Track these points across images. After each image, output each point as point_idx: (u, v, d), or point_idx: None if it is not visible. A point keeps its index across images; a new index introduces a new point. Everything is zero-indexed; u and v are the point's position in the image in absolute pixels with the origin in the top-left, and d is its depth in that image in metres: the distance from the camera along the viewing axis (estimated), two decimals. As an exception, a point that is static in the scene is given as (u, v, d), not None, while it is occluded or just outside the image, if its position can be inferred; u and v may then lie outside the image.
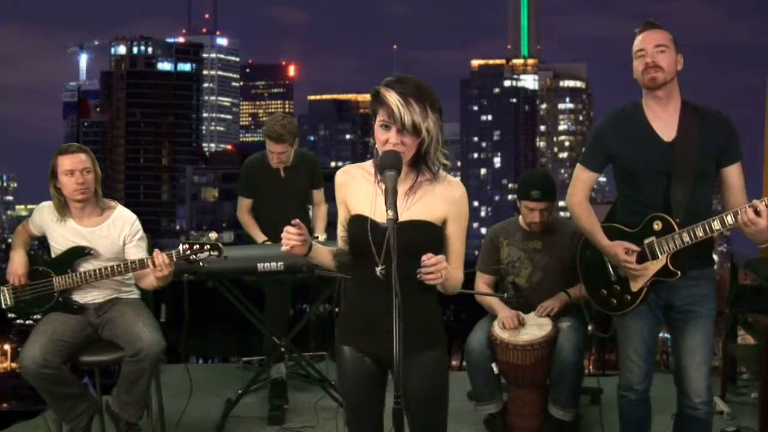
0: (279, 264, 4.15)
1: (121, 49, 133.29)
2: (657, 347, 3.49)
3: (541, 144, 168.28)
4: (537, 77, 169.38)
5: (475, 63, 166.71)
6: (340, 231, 2.49)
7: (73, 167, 3.58)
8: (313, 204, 4.96)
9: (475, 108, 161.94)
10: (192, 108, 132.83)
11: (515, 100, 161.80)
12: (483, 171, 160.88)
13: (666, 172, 3.00)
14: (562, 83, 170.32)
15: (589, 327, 3.82)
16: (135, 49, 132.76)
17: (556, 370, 3.85)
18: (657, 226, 3.03)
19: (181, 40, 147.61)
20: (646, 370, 3.18)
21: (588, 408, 4.39)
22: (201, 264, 3.55)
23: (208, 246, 3.52)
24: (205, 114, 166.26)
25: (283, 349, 4.56)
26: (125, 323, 3.63)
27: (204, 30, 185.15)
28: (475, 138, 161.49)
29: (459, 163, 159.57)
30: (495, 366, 3.93)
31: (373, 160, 2.40)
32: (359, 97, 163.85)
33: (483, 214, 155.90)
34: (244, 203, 4.92)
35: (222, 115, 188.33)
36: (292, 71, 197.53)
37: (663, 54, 2.97)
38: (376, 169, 2.38)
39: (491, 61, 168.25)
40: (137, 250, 3.70)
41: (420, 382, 2.39)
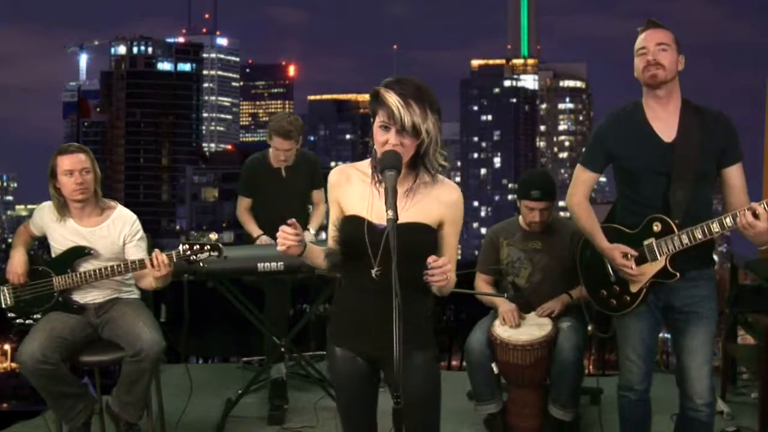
0: (279, 264, 4.15)
1: (121, 49, 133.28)
2: (657, 347, 3.49)
3: (541, 144, 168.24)
4: (537, 77, 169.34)
5: (475, 63, 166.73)
6: (331, 231, 2.46)
7: (73, 167, 3.58)
8: (313, 204, 4.96)
9: (475, 108, 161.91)
10: (192, 108, 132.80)
11: (515, 100, 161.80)
12: (483, 171, 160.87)
13: (666, 172, 2.99)
14: (562, 83, 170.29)
15: (589, 327, 3.81)
16: (135, 49, 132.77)
17: (556, 370, 3.85)
18: (656, 227, 3.03)
19: (181, 40, 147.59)
20: (645, 370, 3.18)
21: (588, 408, 4.39)
22: (201, 264, 3.56)
23: (208, 246, 3.52)
24: (205, 114, 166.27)
25: (283, 349, 4.56)
26: (125, 323, 3.63)
27: (204, 30, 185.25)
28: (475, 138, 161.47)
29: (459, 163, 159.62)
30: (495, 366, 3.93)
31: (371, 161, 2.39)
32: (359, 97, 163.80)
33: (483, 214, 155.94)
34: (243, 202, 4.92)
35: (222, 115, 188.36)
36: (292, 71, 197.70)
37: (664, 52, 2.97)
38: (373, 170, 2.37)
39: (491, 61, 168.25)
40: (137, 250, 3.70)
41: (413, 382, 2.38)
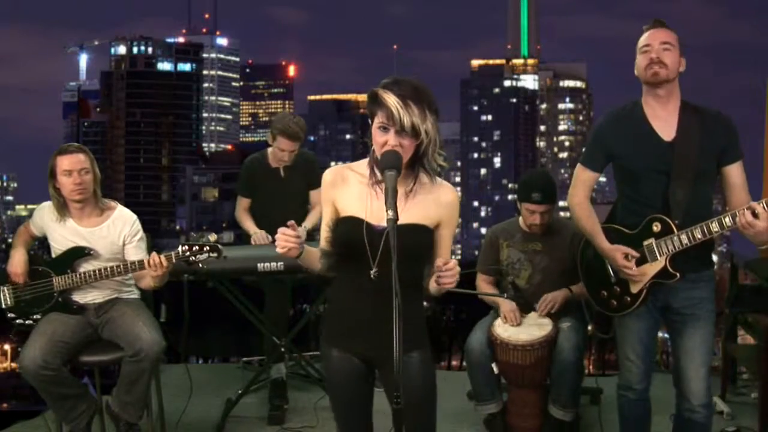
0: (279, 264, 4.15)
1: (121, 49, 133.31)
2: (656, 347, 3.49)
3: (541, 144, 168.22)
4: (537, 77, 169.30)
5: (475, 63, 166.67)
6: (324, 232, 2.44)
7: (71, 167, 3.58)
8: (311, 204, 4.92)
9: (475, 108, 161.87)
10: (192, 108, 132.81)
11: (515, 100, 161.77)
12: (483, 171, 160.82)
13: (665, 171, 2.99)
14: (562, 83, 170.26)
15: (589, 327, 3.81)
16: (135, 49, 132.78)
17: (556, 370, 3.85)
18: (656, 227, 3.03)
19: (181, 40, 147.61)
20: (644, 369, 3.18)
21: (588, 408, 4.39)
22: (201, 265, 3.55)
23: (207, 247, 3.51)
24: (205, 114, 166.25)
25: (283, 349, 4.56)
26: (125, 323, 3.63)
27: (204, 30, 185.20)
28: (475, 138, 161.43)
29: (459, 163, 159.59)
30: (495, 366, 3.93)
31: (368, 161, 2.39)
32: (359, 97, 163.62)
33: (483, 214, 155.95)
34: (243, 202, 4.92)
35: (222, 115, 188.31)
36: (292, 71, 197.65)
37: (668, 52, 2.97)
38: (371, 171, 2.37)
39: (491, 61, 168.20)
40: (137, 250, 3.70)
41: (412, 382, 2.39)
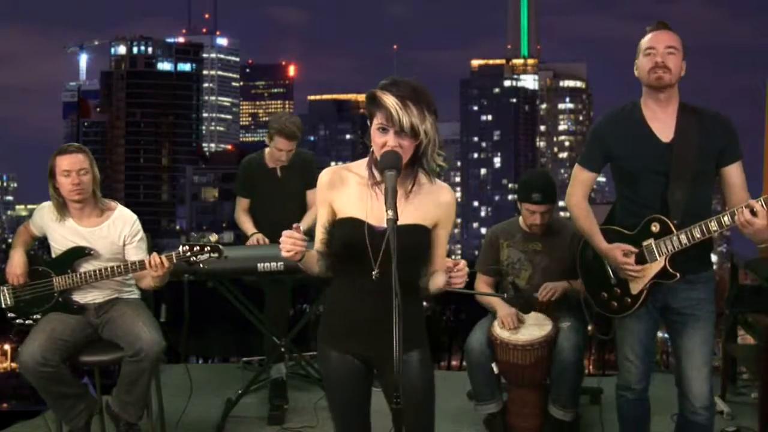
0: (279, 264, 4.15)
1: (121, 49, 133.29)
2: (656, 347, 3.49)
3: (541, 144, 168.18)
4: (537, 77, 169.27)
5: (475, 63, 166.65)
6: (320, 233, 2.43)
7: (70, 168, 3.58)
8: (308, 204, 4.83)
9: (475, 108, 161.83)
10: (192, 108, 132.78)
11: (515, 100, 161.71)
12: (483, 171, 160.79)
13: (664, 172, 2.99)
14: (562, 83, 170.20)
15: (589, 327, 3.81)
16: (135, 49, 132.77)
17: (556, 370, 3.85)
18: (655, 228, 3.03)
19: (181, 40, 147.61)
20: (643, 369, 3.18)
21: (588, 408, 4.39)
22: (201, 265, 3.55)
23: (208, 248, 3.51)
24: (205, 114, 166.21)
25: (283, 349, 4.56)
26: (125, 323, 3.63)
27: (204, 30, 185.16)
28: (475, 138, 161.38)
29: (459, 163, 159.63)
30: (495, 366, 3.93)
31: (367, 162, 2.38)
32: (359, 97, 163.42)
33: (483, 214, 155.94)
34: (242, 203, 4.91)
35: (222, 115, 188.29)
36: (292, 71, 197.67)
37: (672, 56, 2.97)
38: (370, 172, 2.37)
39: (491, 61, 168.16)
40: (137, 250, 3.70)
41: (412, 382, 2.39)
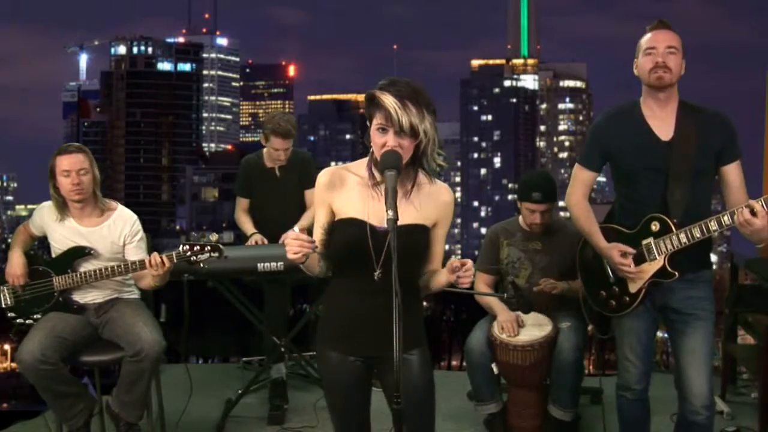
0: (279, 264, 4.15)
1: (121, 49, 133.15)
2: (655, 347, 3.49)
3: (541, 144, 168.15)
4: (537, 77, 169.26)
5: (475, 63, 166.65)
6: (318, 234, 2.42)
7: (70, 168, 3.58)
8: (306, 204, 4.79)
9: (475, 108, 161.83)
10: (192, 108, 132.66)
11: (515, 100, 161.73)
12: (483, 171, 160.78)
13: (663, 171, 2.99)
14: (562, 83, 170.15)
15: (589, 327, 3.81)
16: (135, 49, 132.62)
17: (556, 370, 3.85)
18: (654, 226, 3.02)
19: (181, 40, 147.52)
20: (643, 369, 3.18)
21: (588, 408, 4.40)
22: (201, 264, 3.56)
23: (208, 247, 3.52)
24: (205, 114, 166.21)
25: (283, 349, 4.56)
26: (125, 323, 3.63)
27: (204, 30, 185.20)
28: (475, 138, 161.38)
29: (459, 163, 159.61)
30: (495, 366, 3.93)
31: (367, 163, 2.39)
32: (359, 97, 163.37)
33: (483, 214, 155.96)
34: (241, 203, 4.91)
35: (222, 115, 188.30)
36: (292, 71, 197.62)
37: (673, 55, 2.97)
38: (370, 172, 2.37)
39: (491, 61, 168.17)
40: (137, 250, 3.70)
41: (411, 381, 2.40)
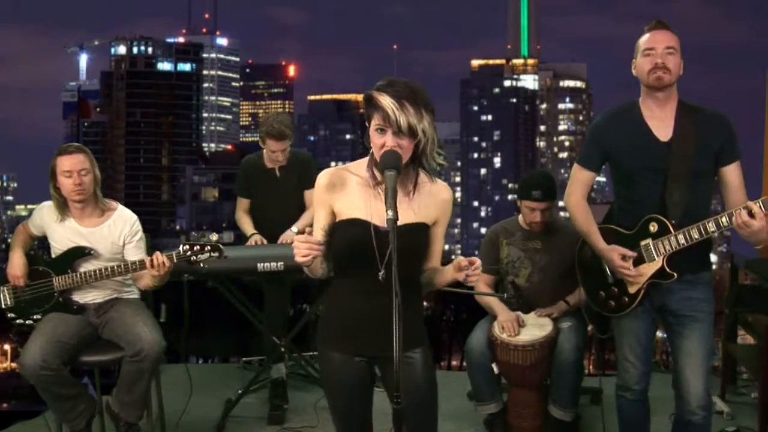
0: (279, 264, 4.15)
1: (121, 49, 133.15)
2: (655, 347, 3.48)
3: (541, 144, 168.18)
4: (537, 77, 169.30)
5: (475, 63, 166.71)
6: (320, 236, 2.41)
7: (72, 168, 3.58)
8: (306, 204, 4.76)
9: (475, 108, 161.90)
10: (192, 108, 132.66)
11: (515, 100, 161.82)
12: (483, 171, 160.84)
13: (662, 171, 2.99)
14: (562, 83, 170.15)
15: (590, 327, 3.82)
16: (135, 49, 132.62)
17: (556, 370, 3.85)
18: (653, 227, 3.02)
19: (181, 40, 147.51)
20: (642, 370, 3.18)
21: (588, 408, 4.40)
22: (201, 264, 3.56)
23: (208, 247, 3.52)
24: (205, 114, 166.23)
25: (283, 349, 4.56)
26: (125, 323, 3.63)
27: (204, 30, 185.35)
28: (475, 138, 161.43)
29: (459, 163, 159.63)
30: (495, 366, 3.93)
31: (368, 163, 2.39)
32: (359, 97, 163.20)
33: (483, 214, 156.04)
34: (242, 203, 4.90)
35: (222, 115, 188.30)
36: (292, 71, 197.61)
37: (672, 56, 2.97)
38: (370, 173, 2.37)
39: (491, 61, 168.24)
40: (137, 250, 3.70)
41: (414, 380, 2.40)
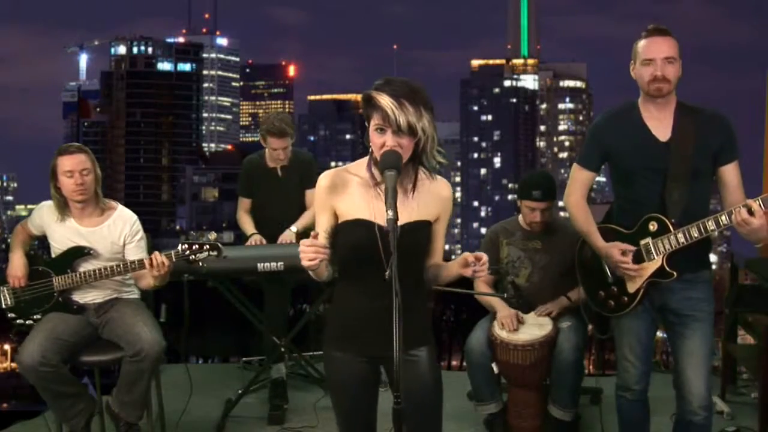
0: (279, 264, 4.15)
1: (121, 49, 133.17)
2: (655, 347, 3.48)
3: (541, 144, 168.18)
4: (537, 77, 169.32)
5: (475, 63, 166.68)
6: (323, 239, 2.39)
7: (73, 168, 3.58)
8: (306, 204, 4.74)
9: (475, 108, 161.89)
10: (192, 108, 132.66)
11: (515, 100, 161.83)
12: (483, 171, 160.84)
13: (662, 171, 2.99)
14: (562, 83, 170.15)
15: (590, 327, 3.82)
16: (135, 49, 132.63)
17: (556, 370, 3.85)
18: (653, 226, 3.02)
19: (181, 40, 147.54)
20: (643, 370, 3.17)
21: (588, 408, 4.40)
22: (201, 264, 3.55)
23: (207, 246, 3.51)
24: (205, 114, 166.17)
25: (283, 349, 4.56)
26: (125, 323, 3.63)
27: (204, 30, 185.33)
28: (475, 138, 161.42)
29: (459, 163, 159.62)
30: (495, 366, 3.93)
31: (368, 164, 2.38)
32: (359, 97, 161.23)
33: (483, 214, 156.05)
34: (243, 203, 4.90)
35: (222, 115, 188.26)
36: (292, 71, 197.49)
37: (671, 66, 2.96)
38: (370, 173, 2.37)
39: (491, 61, 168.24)
40: (137, 250, 3.70)
41: (420, 379, 2.40)
